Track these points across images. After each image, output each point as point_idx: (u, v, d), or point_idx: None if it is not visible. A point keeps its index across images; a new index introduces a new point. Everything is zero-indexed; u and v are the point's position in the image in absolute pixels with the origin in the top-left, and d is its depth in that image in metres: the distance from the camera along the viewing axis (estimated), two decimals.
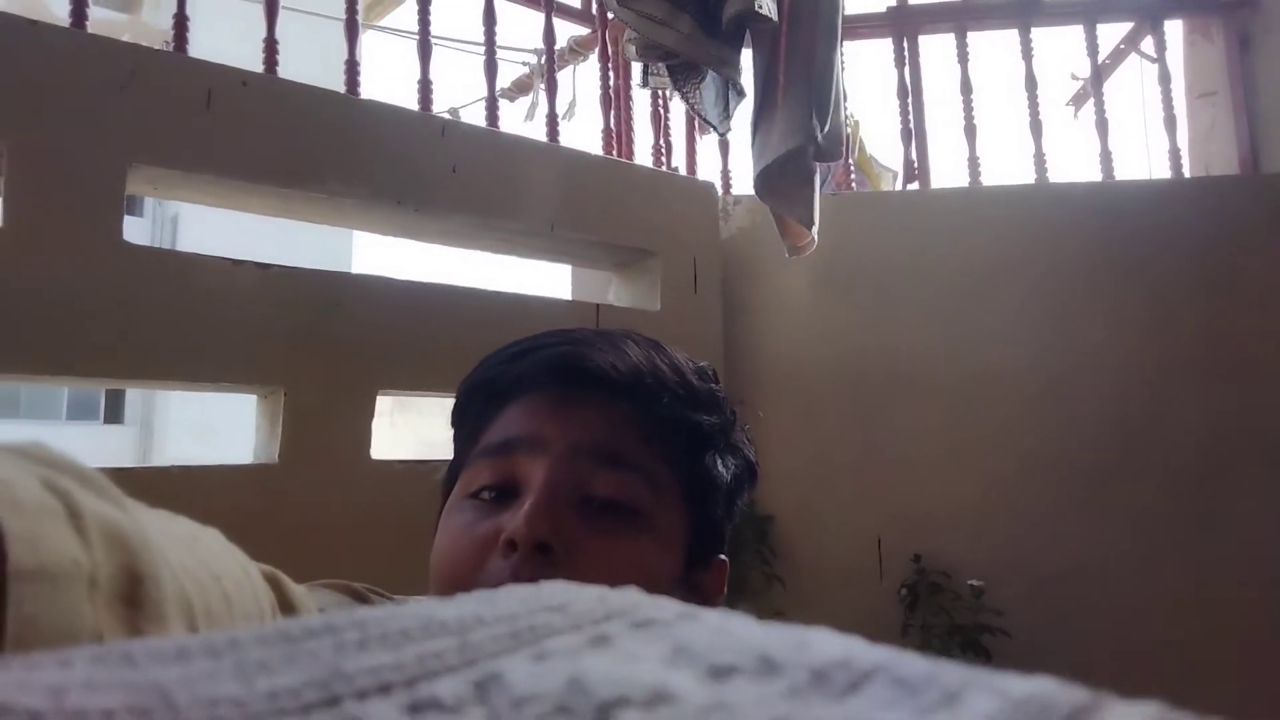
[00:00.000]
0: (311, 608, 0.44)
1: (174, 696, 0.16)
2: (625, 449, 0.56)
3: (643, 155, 2.69)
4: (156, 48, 1.88)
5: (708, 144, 2.82)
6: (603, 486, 0.55)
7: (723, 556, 0.64)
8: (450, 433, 0.65)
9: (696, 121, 2.72)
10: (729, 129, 1.99)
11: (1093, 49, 2.78)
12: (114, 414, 13.77)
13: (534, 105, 3.42)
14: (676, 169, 2.75)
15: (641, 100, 2.73)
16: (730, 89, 1.87)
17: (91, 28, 1.84)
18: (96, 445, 12.49)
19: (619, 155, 2.64)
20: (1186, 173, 2.73)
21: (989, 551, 2.44)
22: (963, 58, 2.76)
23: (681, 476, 0.58)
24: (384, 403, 2.00)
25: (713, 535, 0.62)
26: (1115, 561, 2.40)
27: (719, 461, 0.61)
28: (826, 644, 0.21)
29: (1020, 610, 2.34)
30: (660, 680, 0.18)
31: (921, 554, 2.45)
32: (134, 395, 13.57)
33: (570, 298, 2.71)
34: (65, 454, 0.30)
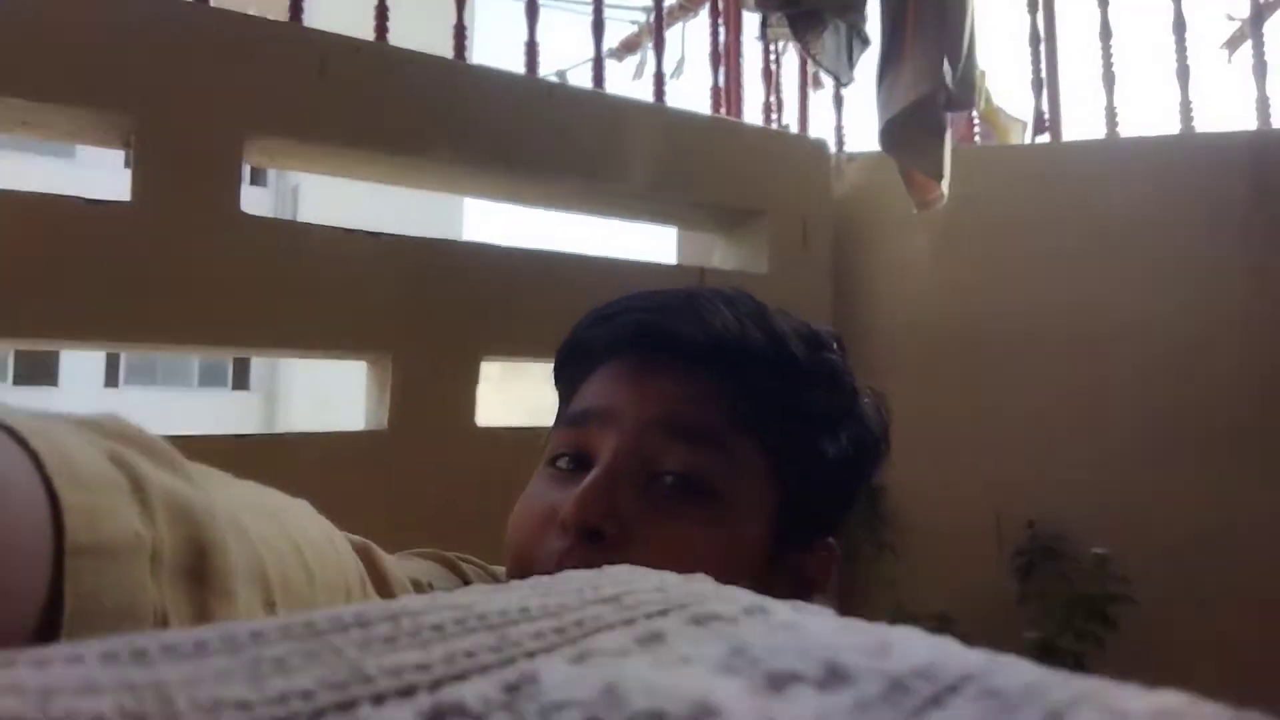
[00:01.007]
0: (403, 578, 0.44)
1: (174, 699, 0.15)
2: (701, 422, 0.52)
3: (752, 113, 2.61)
4: (282, 19, 1.90)
5: (821, 100, 2.71)
6: (672, 462, 0.51)
7: (830, 540, 0.58)
8: (553, 392, 0.64)
9: (810, 76, 2.62)
10: (852, 79, 1.90)
11: None
12: (241, 381, 14.53)
13: (642, 63, 3.36)
14: (788, 126, 2.66)
15: (752, 56, 2.65)
16: (854, 37, 1.77)
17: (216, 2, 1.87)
18: (224, 411, 13.23)
19: (728, 113, 2.56)
20: None
21: (1114, 518, 2.32)
22: (1103, 1, 2.56)
23: (774, 452, 0.53)
24: (492, 370, 2.00)
25: (814, 516, 0.57)
26: (1251, 527, 2.25)
27: (824, 438, 0.55)
28: (910, 648, 0.18)
29: (1147, 579, 2.22)
30: (705, 691, 0.16)
31: (1036, 520, 2.34)
32: (259, 363, 14.26)
33: (676, 261, 2.67)
34: (136, 426, 0.29)
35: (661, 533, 0.49)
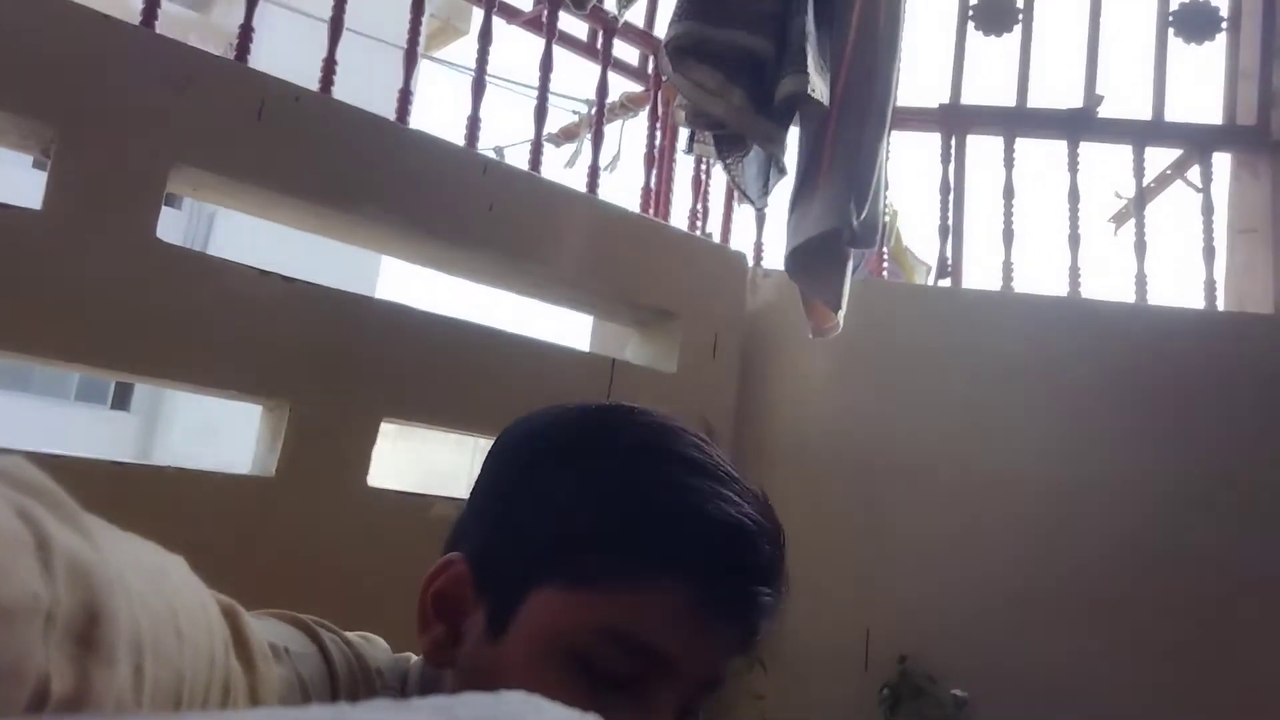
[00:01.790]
0: (263, 644, 0.46)
1: None
2: (726, 676, 0.58)
3: (679, 217, 2.70)
4: (218, 52, 1.90)
5: (744, 214, 2.83)
6: (698, 705, 0.57)
7: None
8: (446, 458, 0.63)
9: (736, 191, 2.74)
10: (765, 204, 2.01)
11: (1139, 170, 2.79)
12: (121, 401, 13.78)
13: (577, 153, 3.45)
14: (710, 235, 2.76)
15: (684, 163, 2.76)
16: (772, 165, 1.88)
17: (161, 22, 1.87)
18: (100, 430, 12.50)
19: (655, 214, 2.65)
20: (1220, 306, 2.71)
21: (980, 661, 2.37)
22: (1009, 162, 2.77)
23: None
24: (387, 427, 1.98)
25: None
26: (1113, 692, 2.33)
27: None
28: None
29: None
30: None
31: (908, 655, 2.38)
32: (143, 385, 13.60)
33: (588, 349, 2.70)
34: (41, 477, 0.30)
35: None
